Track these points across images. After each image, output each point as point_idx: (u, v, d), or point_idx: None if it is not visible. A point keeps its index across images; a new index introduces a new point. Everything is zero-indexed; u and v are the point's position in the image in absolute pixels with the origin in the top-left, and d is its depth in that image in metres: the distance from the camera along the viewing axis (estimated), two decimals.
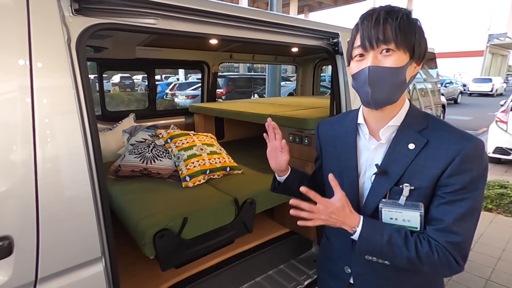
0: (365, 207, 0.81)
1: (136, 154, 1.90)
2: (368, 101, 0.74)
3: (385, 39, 0.69)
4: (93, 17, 0.92)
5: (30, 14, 0.78)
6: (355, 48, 0.75)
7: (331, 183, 0.77)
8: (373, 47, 0.70)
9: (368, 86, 0.72)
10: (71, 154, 0.86)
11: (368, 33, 0.70)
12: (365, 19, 0.72)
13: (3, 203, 0.76)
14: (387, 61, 0.70)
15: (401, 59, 0.70)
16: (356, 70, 0.75)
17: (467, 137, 0.74)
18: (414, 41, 0.71)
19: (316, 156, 1.04)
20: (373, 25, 0.70)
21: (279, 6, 4.85)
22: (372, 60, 0.71)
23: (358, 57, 0.74)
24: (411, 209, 0.74)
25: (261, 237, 1.92)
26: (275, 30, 1.41)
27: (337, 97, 1.69)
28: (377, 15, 0.70)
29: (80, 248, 0.90)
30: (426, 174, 0.73)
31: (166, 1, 1.03)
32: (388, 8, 0.71)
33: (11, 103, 0.76)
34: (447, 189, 0.71)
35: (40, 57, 0.79)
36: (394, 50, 0.70)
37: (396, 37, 0.69)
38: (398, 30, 0.69)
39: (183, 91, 11.39)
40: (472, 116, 10.53)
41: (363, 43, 0.71)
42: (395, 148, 0.78)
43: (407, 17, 0.71)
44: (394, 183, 0.76)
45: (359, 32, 0.73)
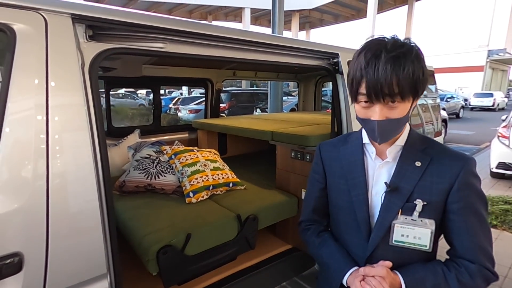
0: (378, 226, 0.82)
1: (140, 170, 1.93)
2: (375, 140, 0.80)
3: (391, 94, 0.70)
4: (105, 42, 0.97)
5: (49, 41, 0.84)
6: (360, 94, 0.74)
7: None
8: (380, 101, 0.72)
9: (377, 134, 0.76)
10: (81, 170, 0.88)
11: (374, 86, 0.69)
12: (369, 65, 0.70)
13: (16, 218, 0.78)
14: (394, 113, 0.73)
15: (406, 108, 0.74)
16: (363, 116, 0.77)
17: (463, 155, 0.82)
18: (418, 84, 0.71)
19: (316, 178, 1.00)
20: (378, 76, 0.68)
21: (281, 24, 4.98)
22: (380, 114, 0.73)
23: (364, 104, 0.75)
24: (422, 227, 0.78)
25: (264, 254, 1.91)
26: (277, 51, 1.47)
27: (338, 115, 1.74)
28: (383, 66, 0.68)
29: (86, 264, 0.91)
30: (435, 189, 0.79)
31: (174, 26, 1.09)
32: (394, 56, 0.68)
33: (28, 120, 0.80)
34: (461, 204, 0.77)
35: (55, 79, 0.84)
36: (400, 101, 0.72)
37: (402, 89, 0.69)
38: (404, 84, 0.69)
39: (186, 105, 11.55)
40: (475, 130, 10.53)
41: (369, 95, 0.71)
42: (403, 166, 0.82)
43: (412, 63, 0.69)
44: (405, 199, 0.80)
45: (364, 80, 0.71)
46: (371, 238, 0.83)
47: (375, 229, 0.83)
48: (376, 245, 0.83)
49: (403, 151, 0.83)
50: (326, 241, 0.95)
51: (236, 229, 1.60)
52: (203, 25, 1.18)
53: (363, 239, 0.85)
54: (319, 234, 0.98)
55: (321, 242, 0.96)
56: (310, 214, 1.02)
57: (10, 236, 0.78)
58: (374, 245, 0.83)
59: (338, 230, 0.95)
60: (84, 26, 0.92)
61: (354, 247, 0.88)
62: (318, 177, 0.98)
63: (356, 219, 0.86)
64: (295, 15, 24.79)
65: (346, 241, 0.91)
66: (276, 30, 4.92)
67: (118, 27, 0.98)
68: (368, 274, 0.79)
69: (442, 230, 0.83)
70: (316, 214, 1.01)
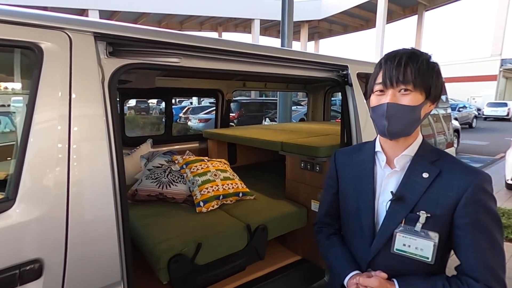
0: (381, 233, 0.84)
1: (152, 179, 1.98)
2: (384, 132, 0.81)
3: (404, 80, 0.76)
4: (124, 58, 1.03)
5: (72, 58, 0.89)
6: (376, 84, 0.82)
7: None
8: (393, 86, 0.78)
9: (385, 119, 0.79)
10: (99, 178, 0.92)
11: (390, 73, 0.78)
12: (388, 59, 0.80)
13: (38, 226, 0.82)
14: (404, 99, 0.78)
15: (417, 99, 0.78)
16: (376, 103, 0.82)
17: (476, 170, 0.80)
18: (431, 83, 0.78)
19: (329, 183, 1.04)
20: (395, 66, 0.77)
21: (290, 34, 5.05)
22: (391, 97, 0.78)
23: (379, 92, 0.82)
24: (425, 238, 0.77)
25: (273, 264, 1.91)
26: (287, 64, 1.50)
27: (348, 126, 1.75)
28: (399, 58, 0.78)
29: (102, 271, 0.94)
30: (441, 202, 0.78)
31: (188, 42, 1.14)
32: (410, 52, 0.79)
33: (51, 130, 0.85)
34: (467, 220, 0.76)
35: (77, 93, 0.89)
36: (411, 90, 0.77)
37: (414, 79, 0.76)
38: (417, 73, 0.76)
39: (196, 114, 11.70)
40: (489, 141, 10.29)
41: (384, 81, 0.79)
42: (410, 176, 0.83)
43: (427, 62, 0.78)
44: (410, 210, 0.80)
45: (382, 70, 0.80)
46: (373, 244, 0.86)
47: (377, 236, 0.85)
48: (377, 251, 0.85)
49: (412, 161, 0.84)
50: (333, 244, 0.99)
51: (246, 239, 1.61)
52: (215, 40, 1.23)
53: (367, 244, 0.87)
54: (328, 237, 1.03)
55: (329, 244, 1.00)
56: (323, 217, 1.07)
57: (32, 243, 0.81)
58: (376, 251, 0.85)
59: (347, 233, 0.99)
60: (105, 43, 0.97)
61: (359, 251, 0.92)
62: (331, 182, 1.03)
63: (361, 225, 0.88)
64: (304, 26, 25.06)
65: (353, 244, 0.95)
66: (286, 41, 5.00)
67: (136, 44, 1.04)
68: (362, 284, 0.82)
69: (451, 245, 0.82)
70: (328, 217, 1.06)
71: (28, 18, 0.83)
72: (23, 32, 0.82)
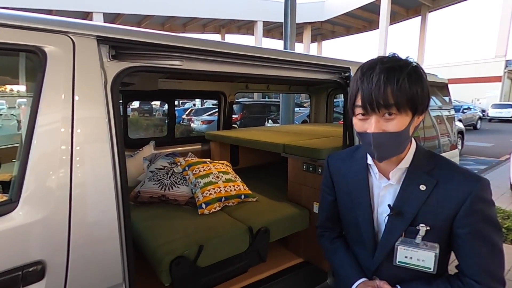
0: (382, 246, 0.84)
1: (155, 181, 1.98)
2: (373, 157, 0.79)
3: (386, 104, 0.68)
4: (126, 61, 1.03)
5: (76, 61, 0.90)
6: (356, 106, 0.74)
7: None
8: (375, 111, 0.70)
9: (373, 149, 0.74)
10: (101, 180, 0.93)
11: (369, 97, 0.69)
12: (364, 76, 0.70)
13: (41, 228, 0.82)
14: (390, 125, 0.71)
15: (403, 121, 0.71)
16: (359, 129, 0.76)
17: (474, 177, 0.77)
18: (416, 99, 0.70)
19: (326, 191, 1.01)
20: (373, 88, 0.68)
21: (293, 36, 5.06)
22: (375, 125, 0.71)
23: (361, 116, 0.74)
24: (426, 250, 0.77)
25: (275, 267, 1.90)
26: (289, 66, 1.50)
27: (350, 128, 1.74)
28: (377, 76, 0.68)
29: (103, 273, 0.94)
30: (439, 214, 0.77)
31: (190, 45, 1.15)
32: (388, 68, 0.69)
33: (55, 132, 0.85)
34: (467, 230, 0.75)
35: (80, 95, 0.90)
36: (396, 113, 0.70)
37: (397, 100, 0.68)
38: (399, 94, 0.67)
39: (199, 116, 11.74)
40: (493, 142, 10.21)
41: (365, 105, 0.71)
42: (406, 189, 0.80)
43: (408, 75, 0.68)
44: (408, 223, 0.79)
45: (360, 92, 0.71)
46: (375, 256, 0.85)
47: (379, 248, 0.84)
48: (380, 262, 0.85)
49: (407, 173, 0.81)
50: (337, 249, 0.97)
51: (248, 241, 1.61)
52: (217, 43, 1.24)
53: (369, 254, 0.87)
54: (332, 241, 1.01)
55: (333, 249, 0.99)
56: (324, 221, 1.06)
57: (35, 245, 0.82)
58: (378, 262, 0.85)
59: (349, 240, 0.98)
60: (107, 46, 0.98)
61: (362, 259, 0.91)
62: (328, 190, 1.00)
63: (362, 235, 0.88)
64: (307, 27, 25.09)
65: (356, 251, 0.94)
66: (288, 43, 5.01)
67: (139, 47, 1.04)
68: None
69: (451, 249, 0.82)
70: (329, 222, 1.04)
71: (32, 22, 0.84)
72: (27, 36, 0.83)
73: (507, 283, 2.02)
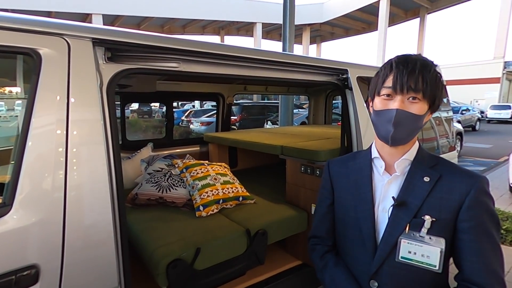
0: (384, 242, 0.81)
1: (152, 183, 1.98)
2: (387, 137, 0.80)
3: (416, 88, 0.75)
4: (122, 63, 1.03)
5: (71, 63, 0.90)
6: (385, 87, 0.79)
7: None
8: (403, 92, 0.76)
9: (392, 126, 0.77)
10: (96, 183, 0.92)
11: (402, 79, 0.75)
12: (400, 63, 0.77)
13: (35, 231, 0.82)
14: (413, 107, 0.77)
15: (423, 108, 0.77)
16: (381, 108, 0.80)
17: (473, 173, 0.80)
18: (437, 95, 0.78)
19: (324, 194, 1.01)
20: (408, 72, 0.75)
21: (292, 38, 5.06)
22: (400, 104, 0.76)
23: (385, 97, 0.79)
24: (432, 244, 0.75)
25: (273, 269, 1.89)
26: (287, 68, 1.50)
27: (348, 130, 1.74)
28: (413, 64, 0.76)
29: (99, 277, 0.93)
30: (444, 206, 0.77)
31: (187, 47, 1.14)
32: (422, 60, 0.78)
33: (49, 134, 0.85)
34: (471, 223, 0.75)
35: (75, 98, 0.89)
36: (420, 99, 0.76)
37: (425, 88, 0.75)
38: (428, 83, 0.75)
39: (198, 118, 11.74)
40: (492, 143, 10.22)
41: (395, 86, 0.77)
42: (411, 181, 0.82)
43: (436, 73, 0.77)
44: (413, 215, 0.78)
45: (393, 74, 0.77)
46: (377, 253, 0.82)
47: (381, 244, 0.82)
48: (382, 261, 0.81)
49: (411, 165, 0.83)
50: (327, 265, 0.95)
51: (245, 243, 1.60)
52: (214, 45, 1.23)
53: (368, 255, 0.84)
54: (322, 257, 0.98)
55: (323, 266, 0.96)
56: (317, 230, 1.03)
57: (28, 249, 0.81)
58: (380, 261, 0.81)
59: (344, 246, 0.95)
60: (103, 48, 0.98)
61: (360, 263, 0.88)
62: (326, 193, 0.99)
63: (362, 235, 0.86)
64: (306, 29, 25.16)
65: (352, 257, 0.91)
66: (287, 44, 5.01)
67: (135, 49, 1.04)
68: None
69: (452, 251, 0.80)
70: (322, 231, 1.01)
71: (27, 25, 0.84)
72: (22, 38, 0.83)
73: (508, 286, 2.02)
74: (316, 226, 1.03)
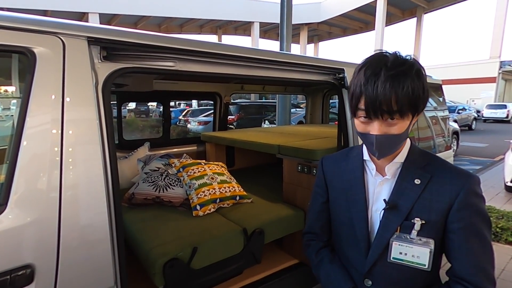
0: (376, 243, 0.83)
1: (149, 183, 1.97)
2: (374, 154, 0.79)
3: (389, 111, 0.70)
4: (118, 62, 1.02)
5: (66, 62, 0.89)
6: (359, 109, 0.74)
7: None
8: (378, 118, 0.72)
9: (375, 149, 0.76)
10: (92, 182, 0.91)
11: (373, 103, 0.69)
12: (368, 82, 0.70)
13: (30, 231, 0.81)
14: (393, 129, 0.73)
15: (404, 125, 0.74)
16: (362, 131, 0.77)
17: (466, 173, 0.80)
18: (418, 101, 0.71)
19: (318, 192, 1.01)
20: (377, 94, 0.68)
21: (289, 37, 5.06)
22: (379, 129, 0.73)
23: (363, 119, 0.75)
24: (421, 246, 0.77)
25: (270, 268, 1.90)
26: (284, 67, 1.50)
27: (344, 129, 1.74)
28: (382, 84, 0.68)
29: (94, 277, 0.93)
30: (434, 208, 0.78)
31: (183, 46, 1.14)
32: (393, 74, 0.68)
33: (44, 133, 0.84)
34: (460, 224, 0.76)
35: (70, 97, 0.88)
36: (398, 119, 0.71)
37: (400, 108, 0.69)
38: (404, 101, 0.69)
39: (195, 117, 11.72)
40: (488, 143, 10.30)
41: (368, 111, 0.72)
42: (402, 183, 0.82)
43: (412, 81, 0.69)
44: (404, 217, 0.79)
45: (363, 97, 0.72)
46: (370, 254, 0.84)
47: (373, 245, 0.83)
48: (374, 261, 0.83)
49: (402, 168, 0.83)
50: (322, 261, 0.96)
51: (242, 243, 1.60)
52: (210, 44, 1.23)
53: (362, 255, 0.85)
54: (317, 253, 0.99)
55: (318, 262, 0.97)
56: (312, 227, 1.03)
57: (23, 248, 0.81)
58: (372, 261, 0.83)
59: (339, 244, 0.96)
60: (98, 47, 0.97)
61: (354, 262, 0.89)
62: (320, 191, 0.99)
63: (356, 235, 0.86)
64: (304, 28, 25.17)
65: (347, 255, 0.92)
66: (285, 44, 5.01)
67: (131, 48, 1.03)
68: None
69: (443, 249, 0.82)
70: (317, 227, 1.02)
71: (21, 23, 0.83)
72: (16, 37, 0.82)
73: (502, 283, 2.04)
74: (311, 223, 1.04)
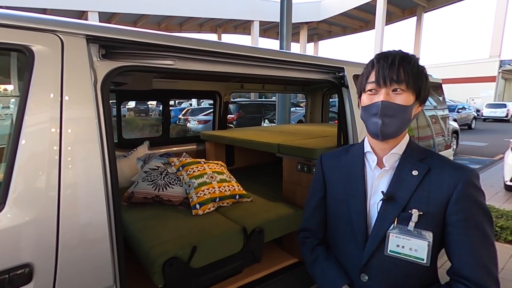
0: (373, 235, 0.83)
1: (149, 181, 1.97)
2: (376, 132, 0.80)
3: (398, 79, 0.77)
4: (117, 60, 1.02)
5: (64, 60, 0.89)
6: (368, 83, 0.82)
7: None
8: (386, 85, 0.78)
9: (379, 118, 0.78)
10: (91, 181, 0.91)
11: (383, 72, 0.78)
12: (381, 59, 0.80)
13: (28, 230, 0.81)
14: (398, 98, 0.78)
15: (409, 99, 0.78)
16: (368, 102, 0.82)
17: (464, 166, 0.80)
18: (421, 85, 0.80)
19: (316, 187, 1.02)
20: (388, 66, 0.78)
21: (289, 36, 5.05)
22: (385, 96, 0.78)
23: (371, 92, 0.81)
24: (419, 238, 0.76)
25: (270, 267, 1.90)
26: (283, 66, 1.50)
27: (344, 128, 1.74)
28: (392, 58, 0.79)
29: (93, 276, 0.93)
30: (432, 200, 0.77)
31: (182, 44, 1.13)
32: (402, 54, 0.81)
33: (43, 132, 0.84)
34: (460, 216, 0.75)
35: (69, 96, 0.88)
36: (404, 90, 0.78)
37: (407, 79, 0.77)
38: (409, 74, 0.77)
39: (195, 116, 11.71)
40: (488, 142, 10.30)
41: (378, 80, 0.79)
42: (400, 175, 0.82)
43: (417, 64, 0.80)
44: (401, 209, 0.79)
45: (375, 70, 0.81)
46: (366, 247, 0.83)
47: (370, 237, 0.83)
48: (371, 254, 0.83)
49: (400, 159, 0.84)
50: (318, 258, 0.96)
51: (242, 241, 1.60)
52: (209, 43, 1.22)
53: (359, 249, 0.85)
54: (312, 250, 0.99)
55: (313, 259, 0.97)
56: (307, 223, 1.04)
57: (22, 247, 0.80)
58: (369, 254, 0.83)
59: (336, 240, 0.95)
60: (97, 45, 0.97)
61: (351, 256, 0.89)
62: (318, 186, 1.00)
63: (354, 228, 0.86)
64: (304, 27, 25.13)
65: (343, 250, 0.92)
66: (284, 43, 5.00)
67: (130, 46, 1.03)
68: None
69: (443, 246, 0.81)
70: (313, 224, 1.02)
71: (19, 21, 0.82)
72: (14, 35, 0.82)
73: (502, 282, 2.05)
74: (307, 219, 1.04)
